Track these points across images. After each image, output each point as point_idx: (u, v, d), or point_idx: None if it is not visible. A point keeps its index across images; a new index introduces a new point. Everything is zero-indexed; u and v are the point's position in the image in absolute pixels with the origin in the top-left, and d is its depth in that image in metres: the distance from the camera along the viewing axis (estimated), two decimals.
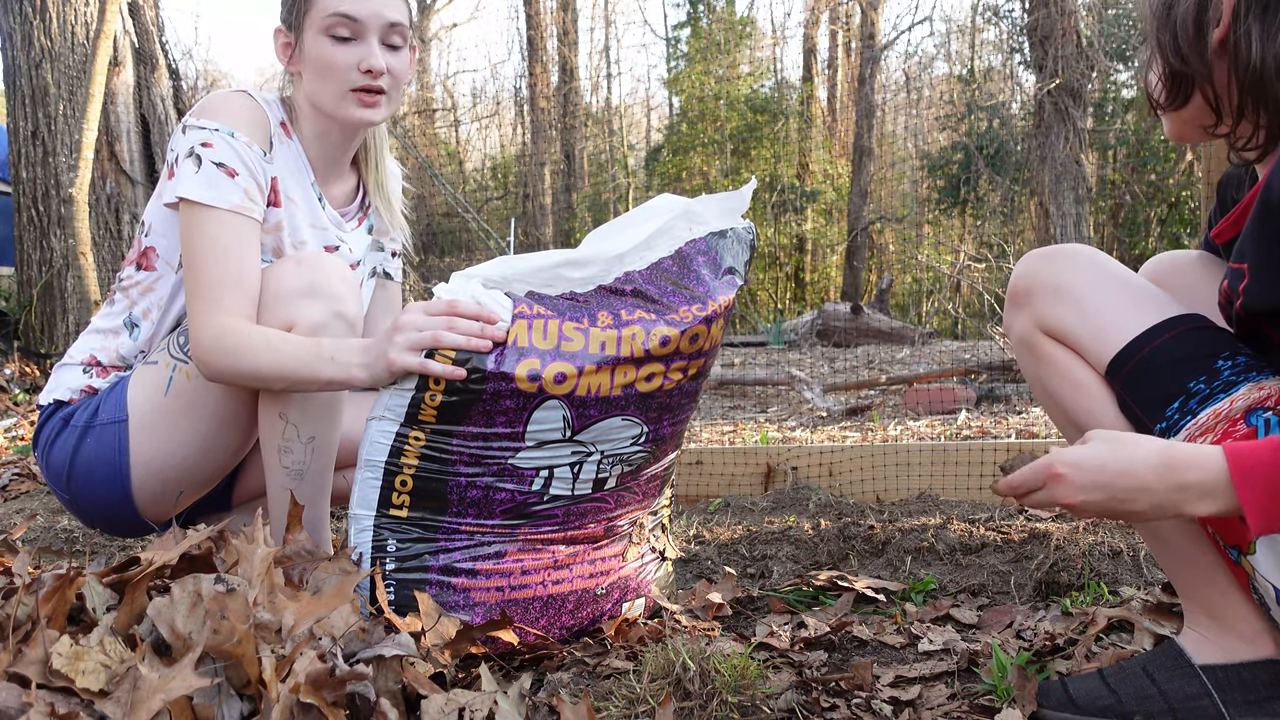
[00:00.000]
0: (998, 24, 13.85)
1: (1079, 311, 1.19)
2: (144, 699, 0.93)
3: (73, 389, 1.62)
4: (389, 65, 1.59)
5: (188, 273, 1.50)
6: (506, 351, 1.36)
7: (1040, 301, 1.22)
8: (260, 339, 1.45)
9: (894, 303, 13.16)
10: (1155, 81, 1.15)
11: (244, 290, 1.48)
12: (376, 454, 1.40)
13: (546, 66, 14.93)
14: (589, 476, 1.47)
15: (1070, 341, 1.20)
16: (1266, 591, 1.06)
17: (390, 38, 1.59)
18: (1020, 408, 4.38)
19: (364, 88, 1.57)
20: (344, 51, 1.56)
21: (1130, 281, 1.19)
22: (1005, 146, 11.50)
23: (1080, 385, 1.20)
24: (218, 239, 1.48)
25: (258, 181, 1.54)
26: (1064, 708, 1.20)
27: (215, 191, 1.49)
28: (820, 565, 1.96)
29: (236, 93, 1.59)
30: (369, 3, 1.55)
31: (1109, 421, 1.18)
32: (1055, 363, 1.22)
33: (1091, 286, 1.19)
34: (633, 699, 1.23)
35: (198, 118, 1.53)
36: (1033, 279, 1.24)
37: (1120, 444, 1.00)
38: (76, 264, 5.44)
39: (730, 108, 14.16)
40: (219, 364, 1.46)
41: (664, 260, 1.47)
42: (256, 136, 1.55)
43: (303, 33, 1.58)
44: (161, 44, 6.50)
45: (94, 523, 1.67)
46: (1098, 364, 1.18)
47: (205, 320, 1.46)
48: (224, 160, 1.50)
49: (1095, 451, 1.00)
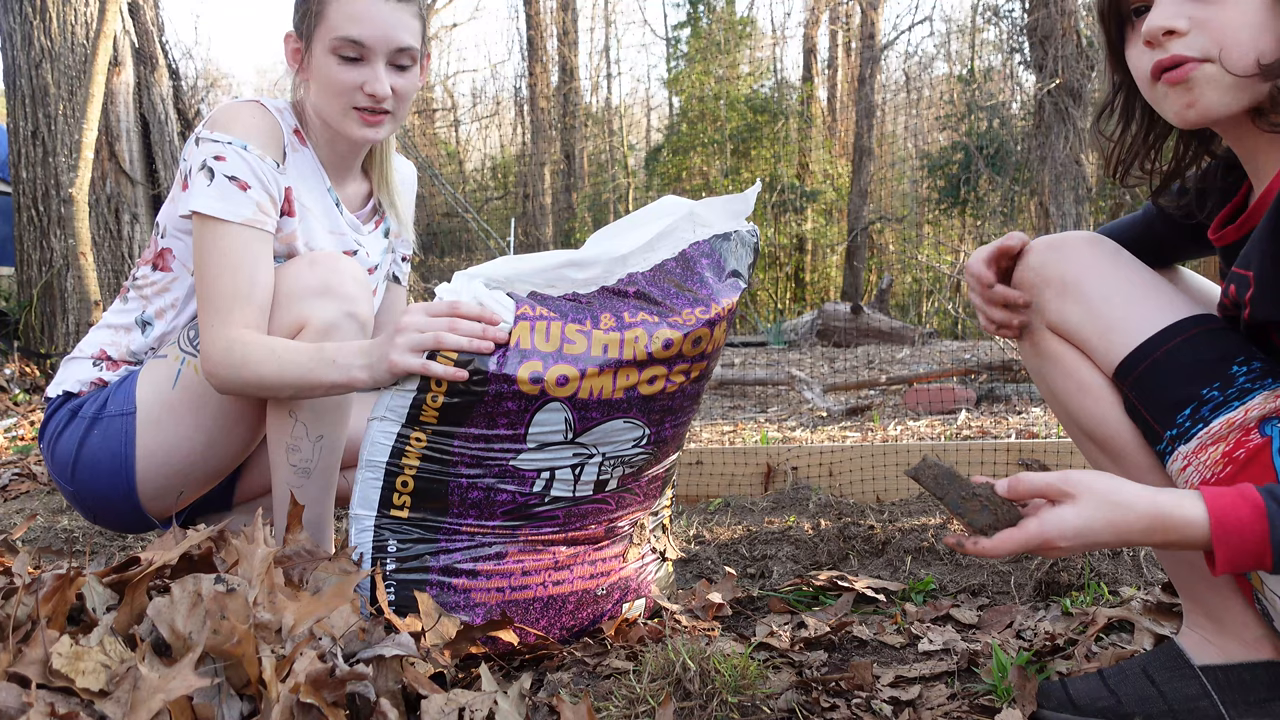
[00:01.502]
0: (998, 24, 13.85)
1: (1087, 309, 1.14)
2: (144, 699, 0.93)
3: (82, 381, 1.64)
4: (395, 86, 1.59)
5: (199, 285, 1.51)
6: (509, 353, 1.36)
7: (1046, 296, 1.18)
8: (265, 348, 1.45)
9: (894, 303, 13.16)
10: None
11: (254, 303, 1.49)
12: (378, 454, 1.40)
13: (546, 66, 14.94)
14: (590, 478, 1.47)
15: (1077, 340, 1.16)
16: (1272, 604, 1.06)
17: (399, 59, 1.59)
18: (1020, 408, 4.38)
19: (367, 108, 1.58)
20: (350, 73, 1.56)
21: (1142, 276, 1.15)
22: (1005, 146, 11.50)
23: (1086, 386, 1.17)
24: (229, 253, 1.49)
25: (270, 194, 1.54)
26: (1064, 708, 1.20)
27: (227, 205, 1.49)
28: (820, 565, 1.96)
29: (249, 103, 1.59)
30: (378, 27, 1.55)
31: (1113, 426, 1.15)
32: (1061, 361, 1.19)
33: (1101, 282, 1.15)
34: (633, 699, 1.23)
35: (211, 130, 1.53)
36: (1039, 273, 1.19)
37: (1114, 509, 0.97)
38: (76, 264, 5.44)
39: (730, 108, 14.16)
40: (227, 376, 1.47)
41: (667, 262, 1.47)
42: (270, 148, 1.55)
43: (312, 44, 1.59)
44: (161, 44, 6.50)
45: (96, 517, 1.68)
46: (1105, 365, 1.14)
47: (215, 334, 1.48)
48: (236, 173, 1.51)
49: (1088, 521, 0.98)
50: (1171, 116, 1.06)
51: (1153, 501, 0.96)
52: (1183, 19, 1.02)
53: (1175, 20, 1.02)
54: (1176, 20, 1.02)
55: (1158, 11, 1.03)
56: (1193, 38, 1.01)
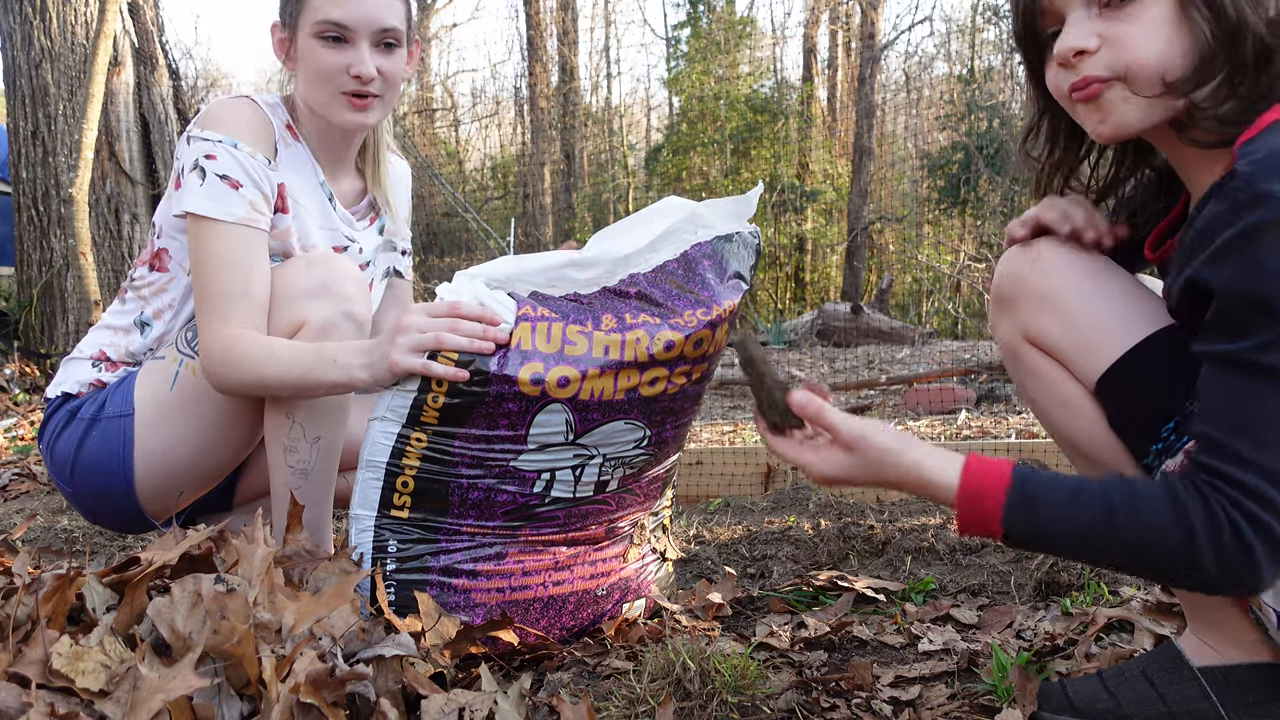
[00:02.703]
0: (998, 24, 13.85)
1: (1065, 323, 1.12)
2: (144, 699, 0.93)
3: (81, 382, 1.64)
4: (381, 68, 1.58)
5: (196, 285, 1.52)
6: (509, 354, 1.36)
7: (1024, 309, 1.16)
8: (263, 348, 1.45)
9: (894, 303, 13.15)
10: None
11: (250, 302, 1.49)
12: (378, 455, 1.40)
13: (546, 66, 14.93)
14: (590, 479, 1.47)
15: (1057, 354, 1.14)
16: (1267, 616, 1.06)
17: (383, 39, 1.59)
18: (1020, 408, 4.38)
19: (354, 92, 1.58)
20: (334, 55, 1.56)
21: (1119, 285, 1.13)
22: (1005, 146, 11.49)
23: (1068, 401, 1.15)
24: (223, 252, 1.49)
25: (263, 191, 1.54)
26: (1064, 711, 1.19)
27: (220, 204, 1.49)
28: (820, 565, 1.96)
29: (239, 99, 1.59)
30: (360, 8, 1.55)
31: (1098, 441, 1.14)
32: (1042, 377, 1.17)
33: (1077, 295, 1.12)
34: (633, 699, 1.23)
35: (201, 128, 1.53)
36: (1016, 283, 1.17)
37: (879, 466, 1.06)
38: (76, 264, 5.44)
39: (730, 108, 14.15)
40: (226, 375, 1.48)
41: (669, 263, 1.47)
42: (260, 145, 1.55)
43: (297, 32, 1.59)
44: (161, 44, 6.49)
45: (95, 517, 1.68)
46: (1085, 380, 1.12)
47: (213, 333, 1.48)
48: (228, 172, 1.50)
49: (851, 470, 1.08)
50: (1091, 133, 1.07)
51: (916, 468, 1.04)
52: (1092, 38, 1.02)
53: (1085, 40, 1.02)
54: (1087, 40, 1.02)
55: (1068, 33, 1.04)
56: (1102, 55, 1.02)
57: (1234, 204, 0.91)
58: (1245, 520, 0.92)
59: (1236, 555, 0.92)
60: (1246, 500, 0.92)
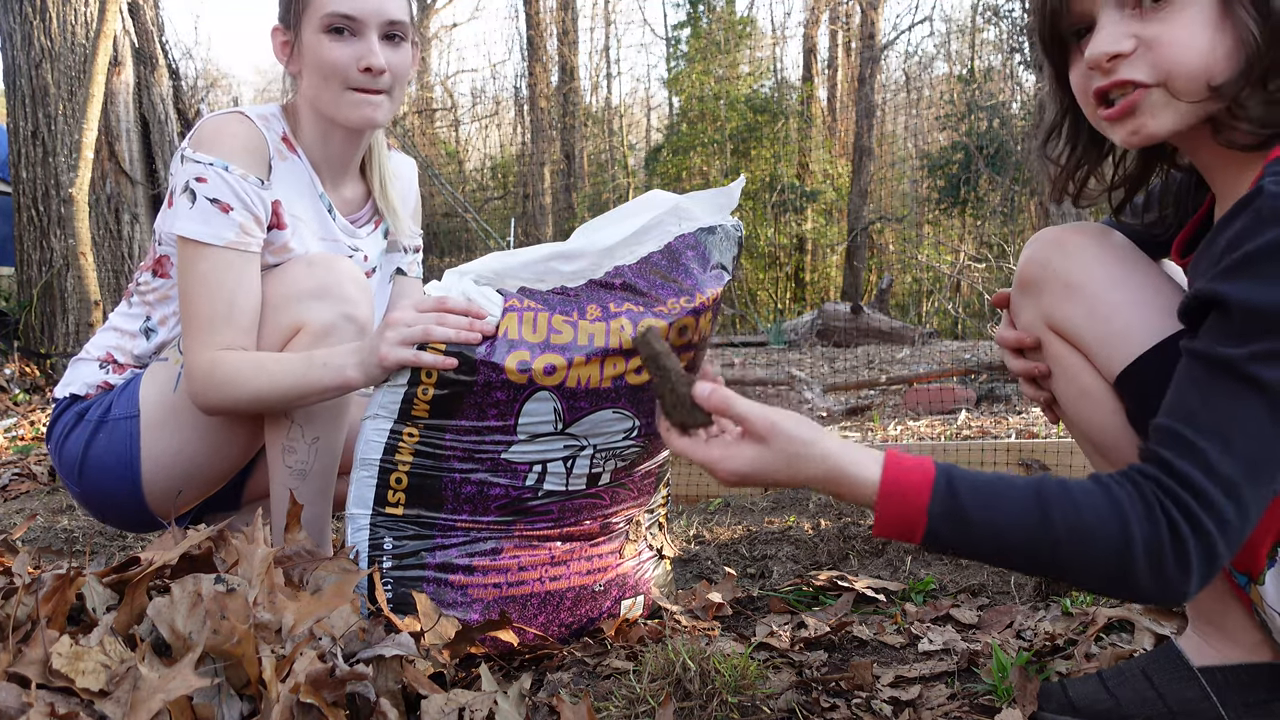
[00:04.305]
0: (998, 24, 13.85)
1: (1090, 313, 1.11)
2: (144, 699, 0.93)
3: (89, 384, 1.65)
4: (389, 62, 1.57)
5: (182, 308, 1.53)
6: (496, 343, 1.37)
7: (1050, 296, 1.14)
8: (251, 365, 1.46)
9: (894, 303, 13.15)
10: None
11: (235, 325, 1.49)
12: (372, 452, 1.41)
13: (546, 66, 14.94)
14: (582, 471, 1.47)
15: (1078, 343, 1.13)
16: (1271, 619, 1.05)
17: (391, 32, 1.58)
18: (1020, 407, 4.38)
19: (364, 87, 1.57)
20: (343, 48, 1.55)
21: (1145, 277, 1.11)
22: (1005, 146, 11.49)
23: (1088, 392, 1.14)
24: (209, 275, 1.50)
25: (254, 213, 1.53)
26: (1064, 711, 1.19)
27: (209, 228, 1.49)
28: (820, 565, 1.96)
29: (232, 116, 1.57)
30: (368, 1, 1.55)
31: (1115, 434, 1.13)
32: (1063, 366, 1.16)
33: (1105, 285, 1.10)
34: (633, 699, 1.23)
35: (194, 149, 1.53)
36: (1043, 269, 1.15)
37: (794, 460, 0.99)
38: (76, 264, 5.44)
39: (730, 108, 14.16)
40: (213, 396, 1.49)
41: (653, 255, 1.47)
42: (253, 165, 1.54)
43: (301, 31, 1.58)
44: (161, 44, 6.50)
45: (104, 517, 1.69)
46: (1106, 373, 1.11)
47: (196, 356, 1.49)
48: (218, 195, 1.50)
49: (765, 466, 1.00)
50: (1118, 140, 1.04)
51: (833, 461, 0.98)
52: (1127, 40, 0.98)
53: (1120, 43, 0.98)
54: (1121, 43, 0.98)
55: (1101, 36, 1.00)
56: (1139, 59, 0.98)
57: (1258, 220, 0.89)
58: (1184, 520, 0.89)
59: (1171, 558, 0.90)
60: (1193, 503, 0.89)
